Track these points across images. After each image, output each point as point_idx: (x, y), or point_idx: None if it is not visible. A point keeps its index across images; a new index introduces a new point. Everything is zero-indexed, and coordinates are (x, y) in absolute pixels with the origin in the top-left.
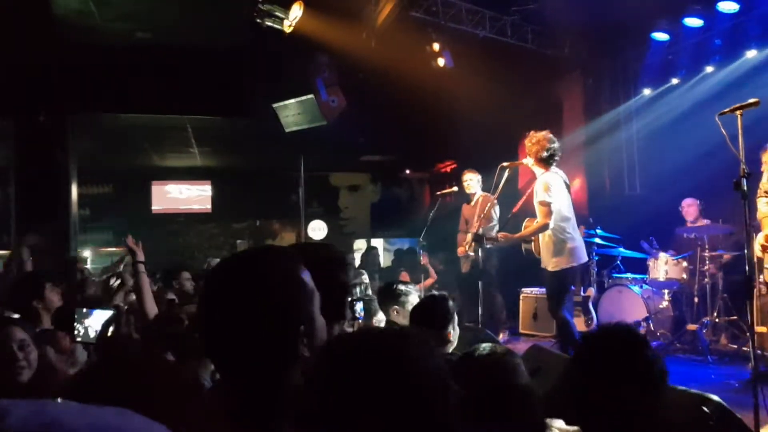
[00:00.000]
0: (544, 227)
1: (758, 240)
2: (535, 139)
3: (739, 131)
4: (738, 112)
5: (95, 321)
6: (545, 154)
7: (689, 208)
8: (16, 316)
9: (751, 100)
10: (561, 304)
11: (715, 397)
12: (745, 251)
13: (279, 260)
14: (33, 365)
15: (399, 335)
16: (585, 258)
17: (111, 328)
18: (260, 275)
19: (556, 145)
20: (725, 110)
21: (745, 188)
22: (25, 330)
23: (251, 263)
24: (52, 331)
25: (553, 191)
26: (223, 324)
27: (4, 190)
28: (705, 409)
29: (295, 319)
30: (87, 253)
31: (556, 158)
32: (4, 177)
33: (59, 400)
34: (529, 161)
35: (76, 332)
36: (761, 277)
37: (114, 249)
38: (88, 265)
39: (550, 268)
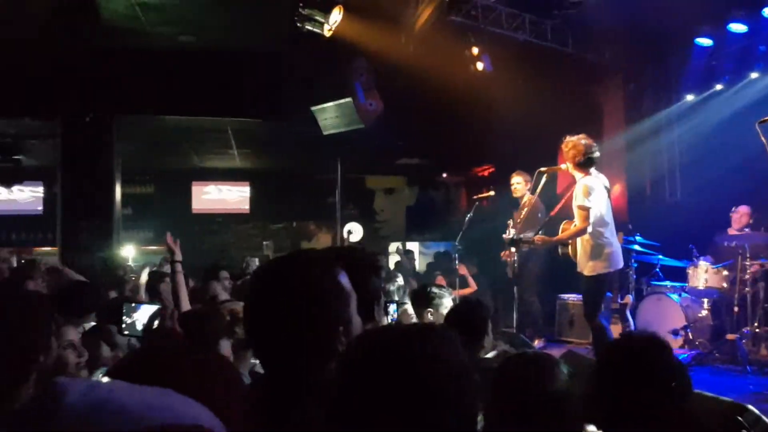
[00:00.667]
0: (581, 231)
1: None
2: (571, 144)
3: None
4: None
5: (142, 315)
6: (582, 158)
7: (742, 216)
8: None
9: None
10: (597, 310)
11: (753, 408)
12: None
13: (319, 264)
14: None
15: (421, 331)
16: (621, 264)
17: (156, 322)
18: (303, 278)
19: (593, 148)
20: (765, 118)
21: None
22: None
23: (294, 267)
24: (102, 326)
25: (593, 195)
26: (268, 323)
27: (51, 189)
28: (741, 419)
29: (335, 319)
30: (129, 251)
31: (595, 162)
32: (51, 176)
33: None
34: (568, 167)
35: (123, 325)
36: None
37: (155, 247)
38: (130, 263)
39: (586, 273)
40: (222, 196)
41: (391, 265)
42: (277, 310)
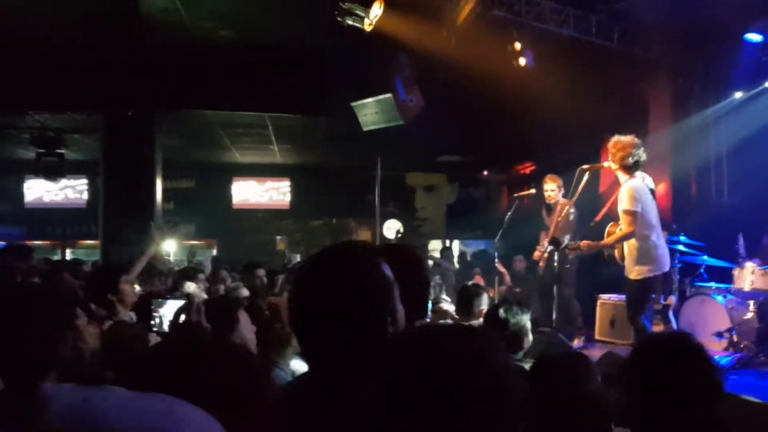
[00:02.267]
0: (628, 236)
1: None
2: (621, 145)
3: None
4: None
5: (168, 310)
6: (630, 160)
7: None
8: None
9: None
10: (641, 312)
11: None
12: None
13: (365, 255)
14: None
15: (463, 333)
16: (668, 266)
17: (182, 317)
18: (350, 270)
19: (641, 150)
20: None
21: None
22: None
23: (341, 259)
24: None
25: (639, 199)
26: (317, 316)
27: (94, 182)
28: None
29: (382, 309)
30: (170, 245)
31: (642, 165)
32: (94, 170)
33: (107, 387)
34: (612, 166)
35: (152, 321)
36: None
37: (196, 242)
38: (171, 257)
39: (632, 276)
40: (262, 192)
41: (430, 263)
42: (326, 303)
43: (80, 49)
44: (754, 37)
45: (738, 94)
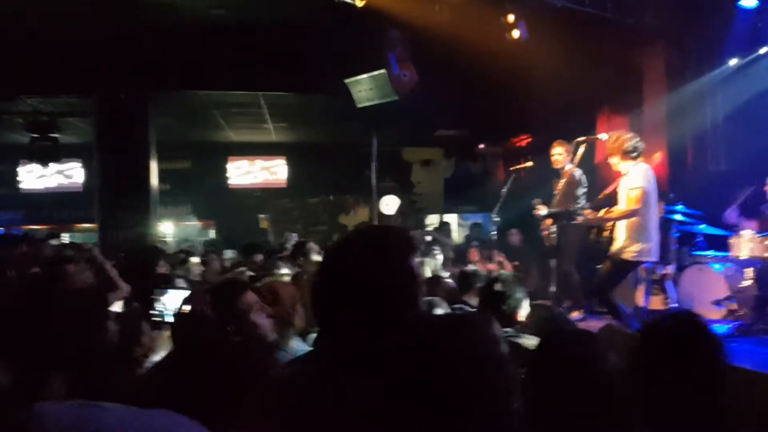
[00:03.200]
0: (633, 213)
1: None
2: (615, 137)
3: None
4: None
5: (172, 299)
6: (629, 145)
7: None
8: None
9: None
10: (611, 288)
11: None
12: None
13: (396, 247)
14: None
15: (456, 325)
16: (657, 258)
17: (185, 306)
18: (381, 261)
19: (637, 139)
20: None
21: None
22: None
23: (372, 247)
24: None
25: (650, 179)
26: (340, 302)
27: (89, 166)
28: None
29: (406, 302)
30: (168, 227)
31: (641, 151)
32: (88, 153)
33: (105, 405)
34: (616, 161)
35: (154, 310)
36: None
37: (193, 223)
38: (169, 239)
39: (624, 255)
40: (259, 171)
41: (428, 238)
42: (350, 290)
43: (72, 31)
44: (748, 2)
45: (733, 62)
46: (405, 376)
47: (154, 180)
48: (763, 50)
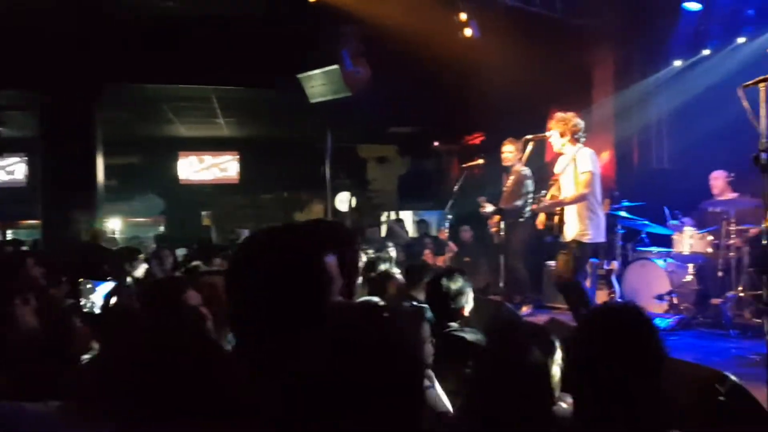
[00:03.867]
0: (583, 197)
1: None
2: (569, 116)
3: (762, 104)
4: (762, 85)
5: (100, 293)
6: (581, 129)
7: (716, 181)
8: None
9: None
10: (578, 275)
11: (732, 377)
12: (763, 225)
13: (308, 246)
14: None
15: (366, 315)
16: (605, 238)
17: (113, 300)
18: (290, 259)
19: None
20: (749, 82)
21: (765, 162)
22: None
23: (283, 246)
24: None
25: (596, 162)
26: (246, 299)
27: (33, 161)
28: (718, 386)
29: (314, 303)
30: (115, 223)
31: (583, 134)
32: (33, 148)
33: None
34: (561, 141)
35: (82, 302)
36: None
37: (142, 219)
38: (116, 235)
39: (578, 238)
40: (210, 167)
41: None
42: (257, 288)
43: (17, 23)
44: (692, 5)
45: (677, 63)
46: (314, 369)
47: (100, 176)
48: (705, 52)
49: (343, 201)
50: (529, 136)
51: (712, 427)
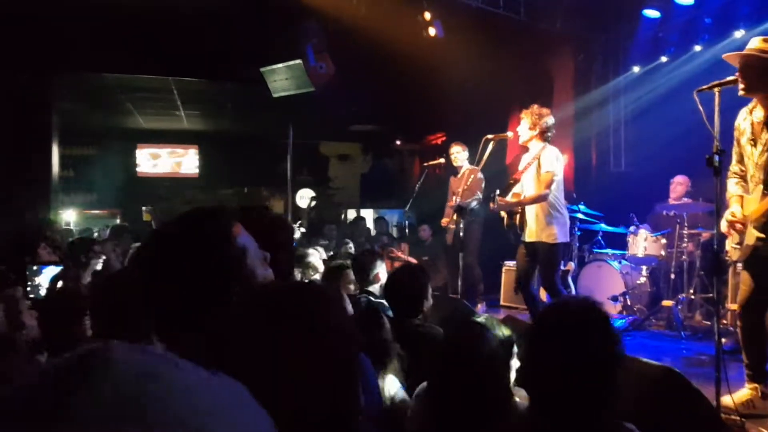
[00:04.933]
0: (544, 196)
1: (725, 217)
2: (544, 111)
3: (716, 108)
4: (716, 90)
5: (46, 278)
6: (551, 128)
7: (677, 186)
8: None
9: (730, 78)
10: (556, 277)
11: (672, 368)
12: (715, 229)
13: (212, 222)
14: None
15: (295, 291)
16: (568, 238)
17: (59, 283)
18: (195, 239)
19: (553, 120)
20: (703, 87)
21: (718, 165)
22: None
23: (187, 227)
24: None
25: (560, 162)
26: (158, 284)
27: None
28: (668, 381)
29: (230, 278)
30: (70, 215)
31: (552, 133)
32: None
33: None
34: (530, 134)
35: (29, 288)
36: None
37: (98, 211)
38: (72, 227)
39: (545, 239)
40: (169, 160)
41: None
42: (166, 271)
43: None
44: (651, 13)
45: (636, 69)
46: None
47: (55, 166)
48: (664, 59)
49: (304, 197)
50: (489, 136)
51: (661, 420)
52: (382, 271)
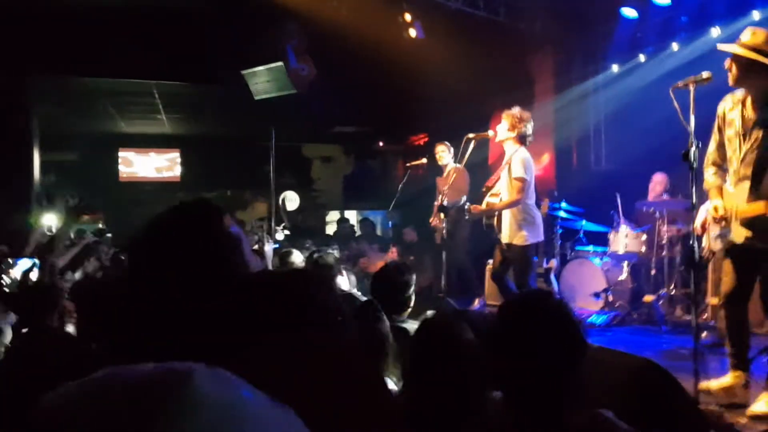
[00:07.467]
0: (516, 202)
1: (707, 209)
2: (525, 116)
3: (691, 104)
4: (691, 86)
5: (19, 271)
6: (526, 130)
7: (656, 185)
8: None
9: (704, 74)
10: (528, 276)
11: (652, 360)
12: (691, 224)
13: (205, 212)
14: None
15: (297, 274)
16: (542, 237)
17: (32, 276)
18: (190, 229)
19: (531, 125)
20: (678, 83)
21: (693, 160)
22: None
23: (179, 218)
24: None
25: (530, 168)
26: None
27: None
28: (647, 373)
29: (226, 266)
30: (52, 220)
31: (530, 138)
32: None
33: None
34: (507, 135)
35: (2, 281)
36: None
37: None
38: (53, 232)
39: (517, 242)
40: (151, 164)
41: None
42: (162, 261)
43: None
44: (629, 12)
45: (615, 68)
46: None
47: (36, 171)
48: (642, 58)
49: (289, 200)
50: (470, 135)
51: (641, 410)
52: (343, 284)
